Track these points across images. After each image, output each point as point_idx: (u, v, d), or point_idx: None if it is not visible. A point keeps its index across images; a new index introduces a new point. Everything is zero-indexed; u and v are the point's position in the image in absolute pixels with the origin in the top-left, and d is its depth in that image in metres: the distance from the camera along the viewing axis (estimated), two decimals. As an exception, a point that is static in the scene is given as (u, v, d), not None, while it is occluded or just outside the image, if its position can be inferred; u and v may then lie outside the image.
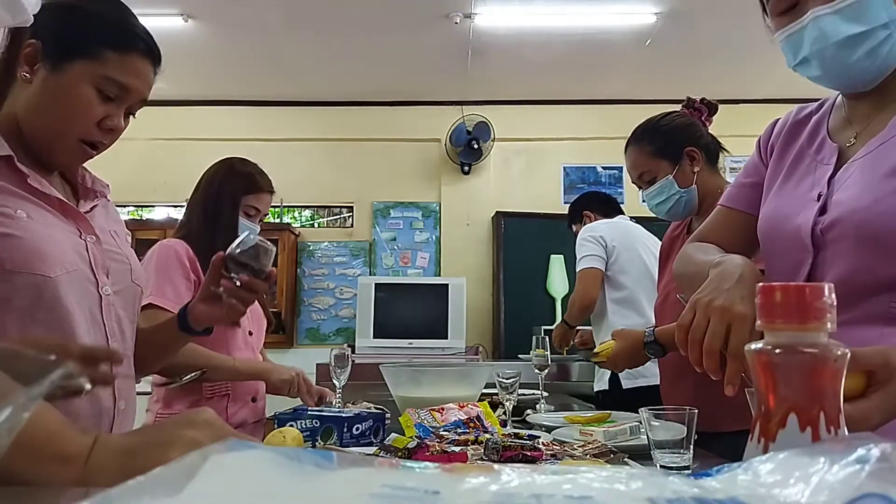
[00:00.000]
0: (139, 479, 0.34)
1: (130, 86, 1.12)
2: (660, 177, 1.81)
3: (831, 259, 1.00)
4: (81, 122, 1.10)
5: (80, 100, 1.09)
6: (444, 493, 0.34)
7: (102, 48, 1.10)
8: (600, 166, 5.07)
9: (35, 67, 1.09)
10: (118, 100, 1.12)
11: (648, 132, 1.87)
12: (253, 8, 3.71)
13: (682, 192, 1.79)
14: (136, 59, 1.13)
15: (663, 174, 1.80)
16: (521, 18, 3.88)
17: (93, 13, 1.13)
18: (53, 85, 1.09)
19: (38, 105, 1.09)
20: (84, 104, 1.09)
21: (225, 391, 1.91)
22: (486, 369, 1.84)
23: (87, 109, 1.09)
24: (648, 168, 1.83)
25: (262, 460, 0.37)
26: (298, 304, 4.91)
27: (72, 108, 1.09)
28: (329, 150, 5.00)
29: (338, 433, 1.40)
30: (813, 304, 0.46)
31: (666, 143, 1.82)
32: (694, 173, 1.79)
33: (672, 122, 1.87)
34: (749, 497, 0.36)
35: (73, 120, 1.10)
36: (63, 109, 1.09)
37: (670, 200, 1.80)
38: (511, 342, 4.51)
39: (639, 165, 1.86)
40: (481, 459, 1.16)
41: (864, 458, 0.35)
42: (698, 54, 4.26)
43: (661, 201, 1.81)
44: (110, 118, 1.12)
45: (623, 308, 2.73)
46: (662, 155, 1.82)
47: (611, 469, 0.46)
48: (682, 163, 1.80)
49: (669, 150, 1.81)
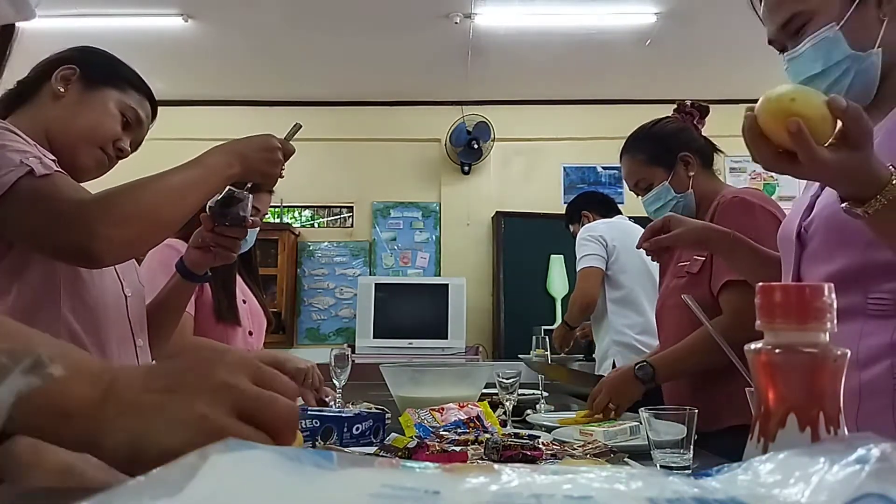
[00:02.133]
0: (139, 479, 0.34)
1: (142, 120, 1.34)
2: (656, 183, 1.81)
3: (811, 256, 1.09)
4: (106, 132, 1.28)
5: (107, 114, 1.28)
6: (444, 493, 0.34)
7: (126, 84, 1.32)
8: (600, 166, 5.07)
9: (69, 86, 1.27)
10: (130, 129, 1.32)
11: (640, 140, 1.87)
12: (253, 8, 3.71)
13: (679, 197, 1.79)
14: (147, 104, 1.36)
15: (659, 181, 1.80)
16: (521, 18, 3.88)
17: (115, 59, 1.36)
18: (88, 99, 1.27)
19: (73, 113, 1.27)
20: (110, 118, 1.29)
21: (225, 391, 1.91)
22: (486, 369, 1.84)
23: (111, 123, 1.29)
24: (644, 176, 1.84)
25: (262, 460, 0.37)
26: (298, 304, 4.91)
27: (100, 119, 1.28)
28: (329, 150, 4.99)
29: (338, 433, 1.40)
30: (813, 304, 0.46)
31: (659, 151, 1.82)
32: (689, 178, 1.79)
33: (664, 128, 1.87)
34: (749, 497, 0.36)
35: (101, 129, 1.27)
36: (94, 118, 1.27)
37: (668, 206, 1.79)
38: (511, 342, 4.51)
39: (634, 174, 1.86)
40: (481, 459, 1.16)
41: (864, 458, 0.35)
42: (698, 54, 4.26)
43: (659, 207, 1.81)
44: (122, 140, 1.31)
45: (623, 308, 2.73)
46: (656, 162, 1.82)
47: (611, 469, 0.46)
48: (676, 168, 1.79)
49: (663, 158, 1.81)
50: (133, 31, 3.78)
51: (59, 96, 1.26)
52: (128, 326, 1.33)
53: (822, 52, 1.07)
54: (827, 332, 0.47)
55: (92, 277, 1.25)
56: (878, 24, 1.05)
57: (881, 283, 1.00)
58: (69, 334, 1.19)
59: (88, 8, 3.65)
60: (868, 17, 1.05)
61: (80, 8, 3.63)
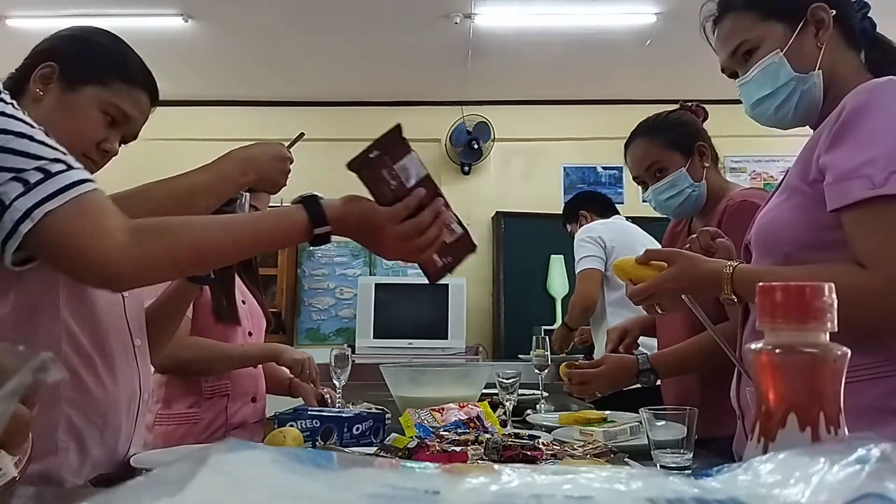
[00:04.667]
0: (139, 479, 0.34)
1: (131, 115, 1.23)
2: (672, 169, 1.75)
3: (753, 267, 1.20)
4: (86, 139, 1.19)
5: (87, 119, 1.19)
6: (444, 493, 0.34)
7: (112, 77, 1.21)
8: (600, 166, 5.07)
9: (48, 87, 1.18)
10: (118, 126, 1.23)
11: (660, 124, 1.82)
12: (253, 8, 3.71)
13: (695, 186, 1.74)
14: (140, 94, 1.25)
15: (675, 167, 1.75)
16: (521, 18, 3.88)
17: (105, 46, 1.25)
18: (66, 103, 1.18)
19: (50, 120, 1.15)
20: (90, 124, 1.20)
21: (224, 391, 1.91)
22: (486, 369, 1.84)
23: (92, 129, 1.20)
24: (660, 159, 1.77)
25: (262, 460, 0.37)
26: (299, 305, 4.91)
27: (79, 126, 1.18)
28: (329, 150, 4.96)
29: (338, 433, 1.40)
30: (813, 303, 0.46)
31: (679, 135, 1.78)
32: (704, 168, 1.75)
33: (681, 116, 1.85)
34: (749, 497, 0.36)
35: (79, 136, 1.18)
36: (72, 125, 1.17)
37: (682, 195, 1.74)
38: (511, 342, 4.51)
39: (649, 157, 1.78)
40: (481, 459, 1.16)
41: (864, 458, 0.35)
42: (698, 54, 4.24)
43: (673, 195, 1.75)
44: (108, 141, 1.22)
45: (621, 308, 2.72)
46: (676, 147, 1.76)
47: (611, 469, 0.46)
48: (693, 157, 1.76)
49: (682, 143, 1.76)
50: (133, 31, 3.74)
51: (39, 99, 1.18)
52: (125, 327, 1.33)
53: (770, 75, 1.20)
54: (827, 332, 0.47)
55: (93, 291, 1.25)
56: (816, 51, 1.19)
57: None
58: (68, 336, 1.19)
59: (88, 8, 3.65)
60: (807, 44, 1.20)
61: (80, 8, 3.63)
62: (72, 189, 0.88)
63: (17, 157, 0.87)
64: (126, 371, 1.30)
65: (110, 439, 1.26)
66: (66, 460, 1.18)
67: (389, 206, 1.08)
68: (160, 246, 0.96)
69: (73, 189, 0.88)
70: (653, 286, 1.23)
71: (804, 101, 1.20)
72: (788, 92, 1.20)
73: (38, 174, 0.87)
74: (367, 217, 1.09)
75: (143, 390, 1.36)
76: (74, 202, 0.88)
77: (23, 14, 3.69)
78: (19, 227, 0.85)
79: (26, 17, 3.70)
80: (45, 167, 0.88)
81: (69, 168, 0.90)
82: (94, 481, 1.19)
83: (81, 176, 0.91)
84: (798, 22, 1.19)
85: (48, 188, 0.87)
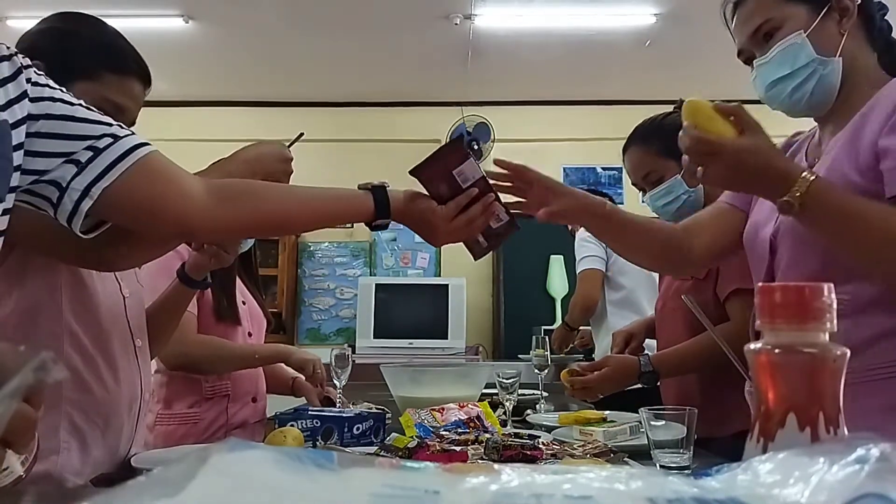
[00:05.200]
0: (139, 479, 0.34)
1: (125, 106, 1.20)
2: (667, 176, 1.76)
3: (780, 261, 1.18)
4: None
5: None
6: (444, 493, 0.35)
7: (101, 70, 1.18)
8: (600, 167, 5.07)
9: None
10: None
11: (654, 131, 1.82)
12: (253, 8, 3.71)
13: (691, 192, 1.75)
14: (132, 82, 1.22)
15: (671, 174, 1.75)
16: (521, 19, 3.87)
17: (91, 37, 1.23)
18: None
19: None
20: None
21: (225, 391, 1.91)
22: (486, 369, 1.84)
23: None
24: (655, 168, 1.78)
25: (263, 460, 0.37)
26: (299, 305, 4.91)
27: None
28: (329, 150, 4.99)
29: (338, 433, 1.40)
30: (813, 304, 0.46)
31: (673, 143, 1.77)
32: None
33: (675, 121, 1.84)
34: (749, 497, 0.36)
35: None
36: None
37: (678, 201, 1.75)
38: (511, 342, 4.51)
39: (645, 165, 1.80)
40: (481, 459, 1.16)
41: (863, 458, 0.35)
42: (698, 54, 4.25)
43: (669, 202, 1.77)
44: None
45: (622, 309, 2.72)
46: (671, 154, 1.74)
47: (611, 469, 0.46)
48: None
49: (676, 150, 1.77)
50: (134, 31, 3.72)
51: None
52: (127, 328, 1.33)
53: (790, 56, 1.17)
54: (827, 332, 0.47)
55: (92, 279, 1.26)
56: (839, 37, 1.17)
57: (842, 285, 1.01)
58: (70, 335, 1.20)
59: (89, 9, 3.63)
60: (830, 29, 1.17)
61: (80, 8, 3.63)
62: (127, 157, 0.92)
63: (65, 142, 0.90)
64: (127, 371, 1.30)
65: (112, 439, 1.26)
66: (68, 460, 1.18)
67: (444, 203, 1.22)
68: (241, 210, 1.05)
69: (128, 157, 0.93)
70: (721, 145, 1.06)
71: (820, 87, 1.16)
72: (808, 74, 1.17)
73: (88, 153, 0.90)
74: (426, 217, 1.21)
75: (145, 390, 1.36)
76: (137, 167, 0.93)
77: (23, 14, 3.69)
78: (80, 205, 0.90)
79: (26, 18, 3.70)
80: (94, 145, 0.91)
81: (115, 139, 0.93)
82: (96, 481, 1.19)
83: (133, 142, 0.94)
84: (823, 6, 1.17)
85: (101, 163, 0.91)
